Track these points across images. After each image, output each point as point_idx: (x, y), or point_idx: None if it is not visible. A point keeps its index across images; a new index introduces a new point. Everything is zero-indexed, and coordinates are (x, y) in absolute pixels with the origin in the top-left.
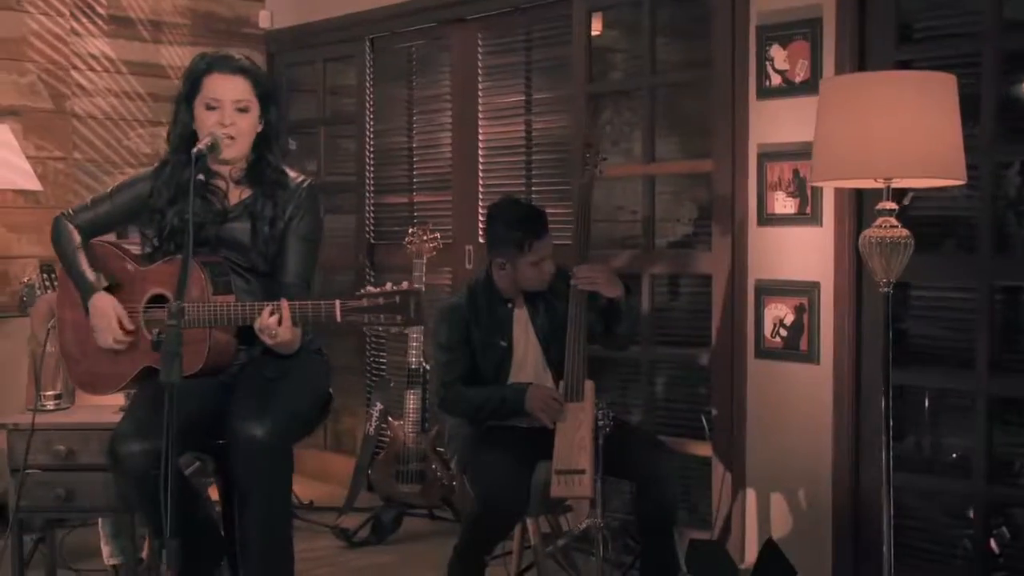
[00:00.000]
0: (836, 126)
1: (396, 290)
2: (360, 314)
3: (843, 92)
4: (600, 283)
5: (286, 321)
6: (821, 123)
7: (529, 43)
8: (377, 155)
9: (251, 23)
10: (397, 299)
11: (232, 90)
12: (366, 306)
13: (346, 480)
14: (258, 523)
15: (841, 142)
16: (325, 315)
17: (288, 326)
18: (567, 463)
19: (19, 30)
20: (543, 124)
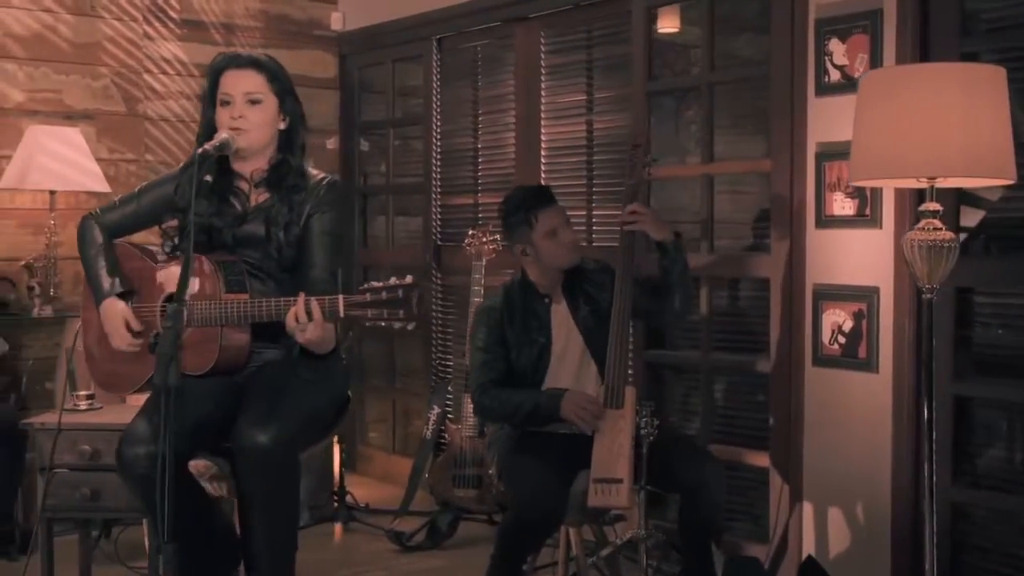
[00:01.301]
0: (875, 123)
1: (397, 284)
2: (363, 309)
3: (882, 86)
4: (646, 222)
5: (317, 317)
6: (859, 119)
7: (590, 41)
8: (444, 156)
9: (323, 25)
10: (399, 293)
11: (243, 83)
12: (368, 300)
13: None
14: (263, 530)
15: (880, 140)
16: (329, 310)
17: (319, 322)
18: (605, 472)
19: (94, 35)
20: (604, 123)
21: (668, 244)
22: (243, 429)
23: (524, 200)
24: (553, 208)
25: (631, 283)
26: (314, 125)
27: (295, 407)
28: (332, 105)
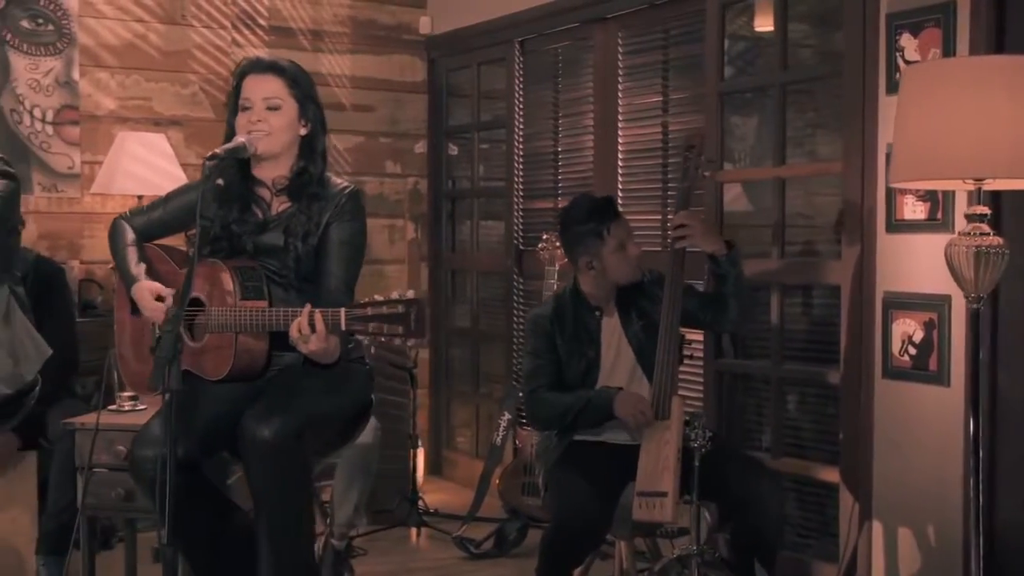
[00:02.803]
0: (917, 120)
1: (399, 299)
2: (364, 323)
3: (925, 81)
4: (696, 235)
5: (320, 330)
6: (901, 116)
7: (666, 40)
8: (526, 160)
9: (412, 29)
10: (400, 308)
11: (262, 88)
12: (370, 315)
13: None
14: (268, 528)
15: (923, 139)
16: (332, 323)
17: (321, 335)
18: (649, 485)
19: (183, 43)
20: (679, 125)
21: (720, 256)
22: (246, 423)
23: (594, 212)
24: (622, 220)
25: (680, 295)
26: (403, 129)
27: (302, 405)
28: (420, 109)
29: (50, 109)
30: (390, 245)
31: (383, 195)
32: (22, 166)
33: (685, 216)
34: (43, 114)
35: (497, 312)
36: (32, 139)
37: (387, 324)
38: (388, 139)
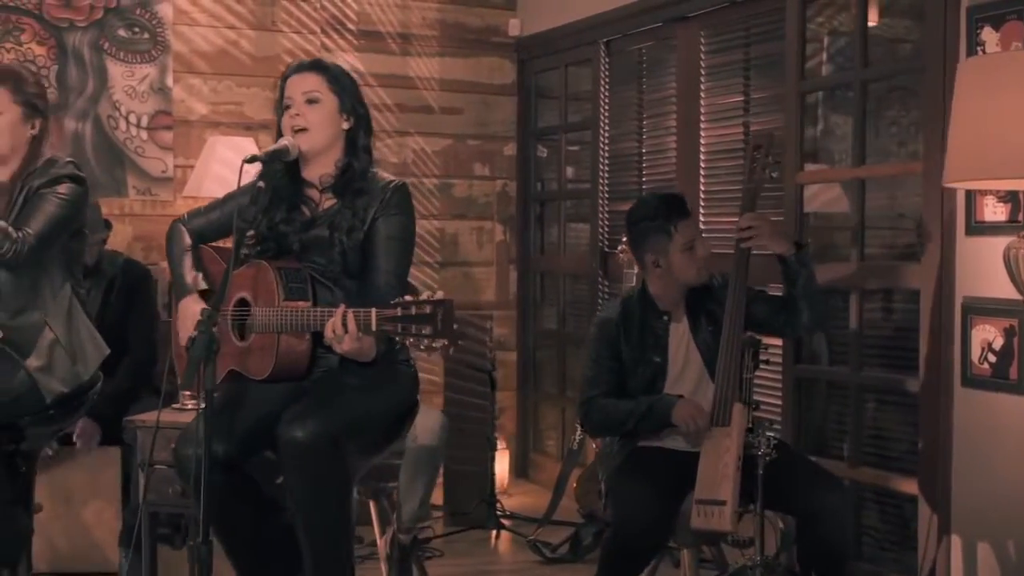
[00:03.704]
0: (974, 116)
1: (427, 300)
2: (394, 324)
3: (981, 76)
4: (763, 235)
5: (351, 330)
6: (957, 112)
7: (747, 39)
8: (611, 161)
9: (501, 32)
10: (427, 309)
11: (301, 85)
12: (400, 315)
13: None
14: (304, 527)
15: (979, 136)
16: (364, 323)
17: (353, 335)
18: (708, 493)
19: (274, 49)
20: (760, 125)
21: (789, 257)
22: (282, 424)
23: (662, 209)
24: (691, 219)
25: (743, 297)
26: (493, 132)
27: (340, 407)
28: (509, 111)
29: (145, 115)
30: (478, 248)
31: (471, 197)
32: (118, 170)
33: (751, 217)
34: (138, 120)
35: (583, 315)
36: (127, 144)
37: (415, 324)
38: (476, 141)
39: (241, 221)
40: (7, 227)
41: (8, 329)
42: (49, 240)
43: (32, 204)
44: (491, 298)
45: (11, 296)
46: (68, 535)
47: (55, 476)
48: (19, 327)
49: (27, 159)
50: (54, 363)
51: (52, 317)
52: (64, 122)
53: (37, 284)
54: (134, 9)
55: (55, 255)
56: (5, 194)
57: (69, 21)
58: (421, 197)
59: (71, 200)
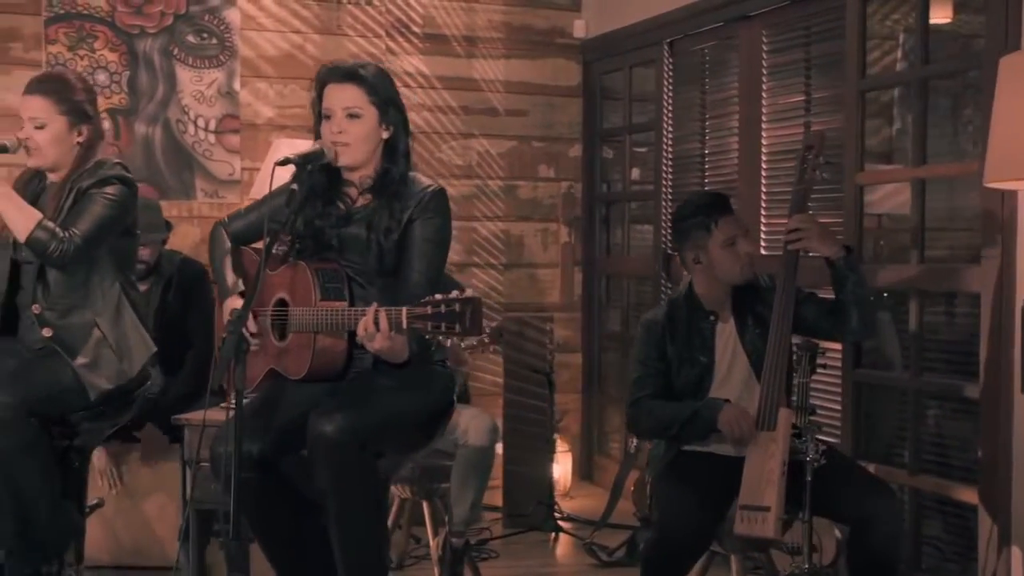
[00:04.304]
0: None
1: (455, 298)
2: (424, 322)
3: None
4: (811, 237)
5: (383, 328)
6: (997, 110)
7: (808, 38)
8: (674, 162)
9: (566, 33)
10: (456, 307)
11: (341, 98)
12: (429, 313)
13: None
14: (335, 523)
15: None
16: (395, 321)
17: (384, 333)
18: (752, 499)
19: (339, 53)
20: (821, 125)
21: (836, 261)
22: (312, 420)
23: (703, 205)
24: (733, 216)
25: (792, 298)
26: (558, 134)
27: (371, 405)
28: (575, 113)
29: (212, 119)
30: (543, 249)
31: (536, 199)
32: (186, 173)
33: (800, 219)
34: (206, 123)
35: None
36: (196, 147)
37: (445, 322)
38: (542, 143)
39: (274, 222)
40: (54, 227)
41: (57, 328)
42: (96, 240)
43: (80, 205)
44: (555, 300)
45: (61, 295)
46: (130, 530)
47: (119, 471)
48: (68, 325)
49: (77, 163)
50: (100, 361)
51: (100, 316)
52: (135, 126)
53: (87, 283)
54: (203, 15)
55: (104, 255)
56: (56, 195)
57: (140, 28)
58: (486, 199)
59: (118, 201)
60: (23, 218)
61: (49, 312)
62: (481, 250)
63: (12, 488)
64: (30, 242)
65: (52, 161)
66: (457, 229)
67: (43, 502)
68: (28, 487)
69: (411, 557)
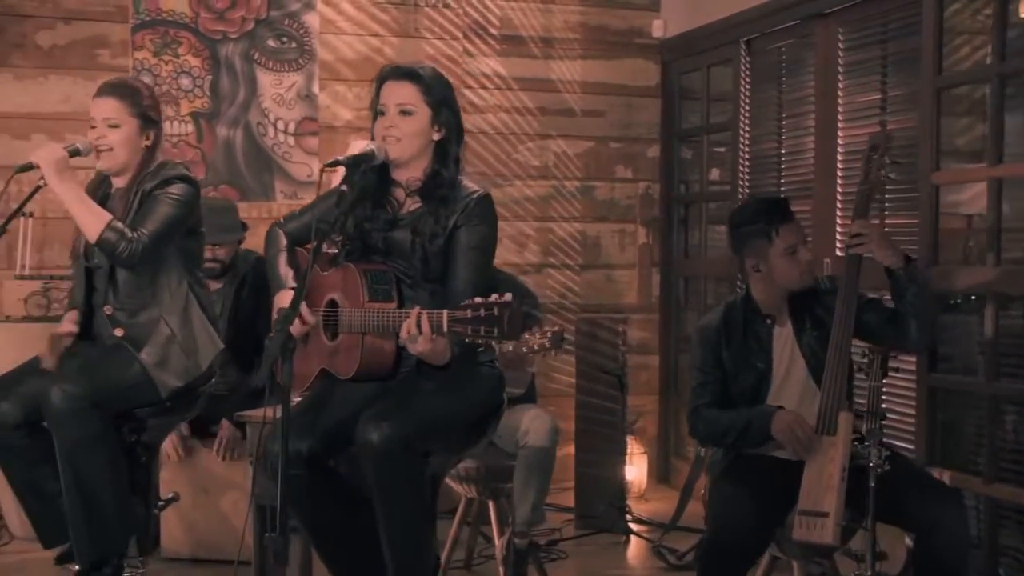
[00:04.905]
0: None
1: (494, 302)
2: (464, 325)
3: None
4: (872, 243)
5: (425, 331)
6: None
7: (885, 35)
8: (752, 162)
9: (645, 33)
10: (495, 311)
11: (396, 95)
12: (469, 317)
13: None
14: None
15: None
16: (436, 324)
17: (427, 336)
18: (811, 504)
19: (416, 55)
20: (896, 124)
21: (897, 270)
22: (359, 426)
23: (763, 212)
24: (794, 224)
25: (853, 303)
26: (636, 134)
27: (417, 408)
28: (653, 113)
29: (292, 121)
30: (620, 250)
31: (613, 200)
32: (265, 175)
33: (862, 224)
34: (285, 126)
35: None
36: (275, 150)
37: (484, 326)
38: (619, 144)
39: (323, 223)
40: (123, 227)
41: (128, 327)
42: (163, 239)
43: (146, 206)
44: (633, 301)
45: (130, 295)
46: (207, 523)
47: (196, 467)
48: (138, 324)
49: (141, 167)
50: (169, 358)
51: (169, 314)
52: (216, 129)
53: (155, 283)
54: (283, 20)
55: (171, 254)
56: (122, 199)
57: (222, 33)
58: (562, 199)
59: (183, 200)
60: (94, 219)
61: (120, 312)
62: (557, 251)
63: (77, 479)
64: (100, 242)
65: (122, 163)
66: (533, 230)
67: (108, 494)
68: (93, 479)
69: (480, 556)
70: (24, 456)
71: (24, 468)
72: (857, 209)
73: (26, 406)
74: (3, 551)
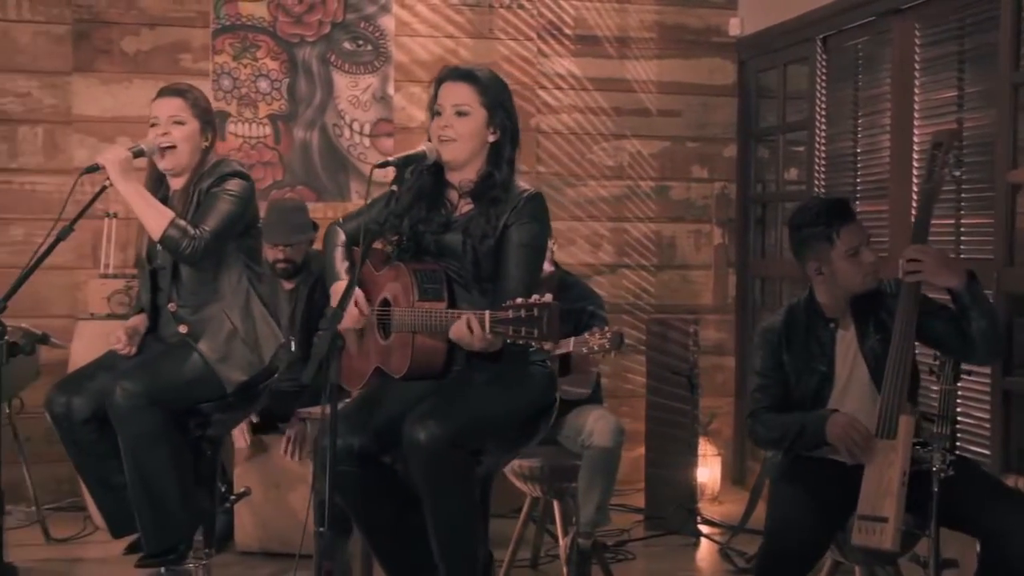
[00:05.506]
0: None
1: (534, 303)
2: (505, 326)
3: None
4: (926, 269)
5: (476, 331)
6: None
7: (961, 30)
8: (828, 161)
9: (721, 32)
10: (535, 312)
11: (453, 95)
12: (510, 317)
13: None
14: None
15: None
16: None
17: (479, 336)
18: (870, 509)
19: (490, 56)
20: (974, 121)
21: (959, 290)
22: (407, 424)
23: (824, 213)
24: (856, 224)
25: (912, 332)
26: (712, 134)
27: (464, 407)
28: (729, 112)
29: (367, 123)
30: (696, 250)
31: (689, 200)
32: (341, 176)
33: (915, 250)
34: (361, 127)
35: None
36: (351, 151)
37: (524, 327)
38: (695, 143)
39: (374, 223)
40: (186, 225)
41: (192, 323)
42: (224, 234)
43: (205, 204)
44: (708, 302)
45: (194, 291)
46: (277, 518)
47: (267, 462)
48: (201, 320)
49: (198, 167)
50: (233, 353)
51: (230, 308)
52: (294, 131)
53: (216, 279)
54: (358, 23)
55: (231, 250)
56: (181, 199)
57: (300, 37)
58: (637, 200)
59: (240, 195)
60: (158, 217)
61: (184, 309)
62: (632, 251)
63: (141, 473)
64: (164, 240)
65: (185, 162)
66: (608, 230)
67: (171, 487)
68: (156, 472)
69: (547, 555)
70: (93, 450)
71: (93, 461)
72: (920, 208)
73: (95, 402)
74: (87, 540)
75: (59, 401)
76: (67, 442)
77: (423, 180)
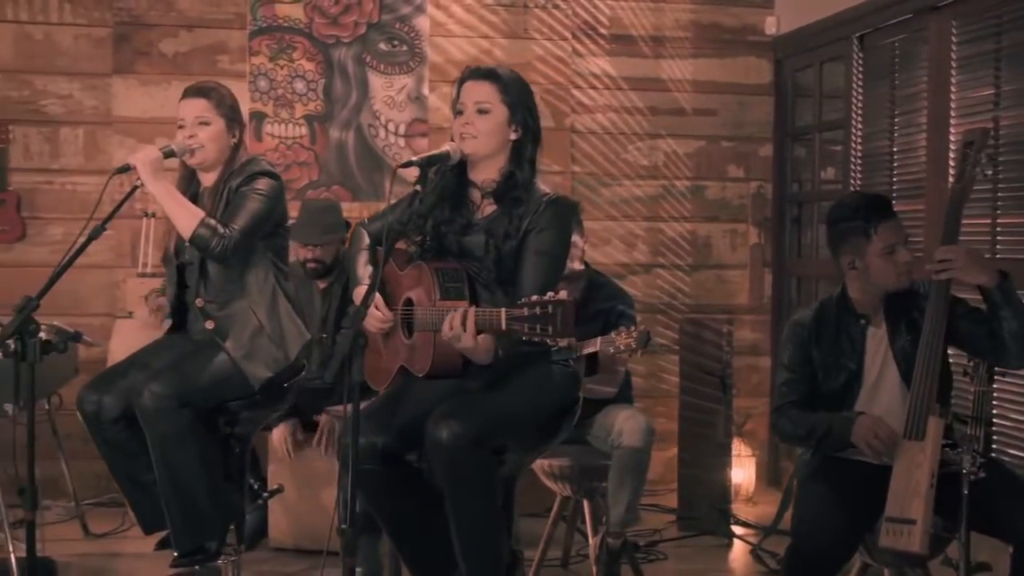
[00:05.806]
0: None
1: (548, 300)
2: (521, 323)
3: None
4: (957, 266)
5: (470, 328)
6: None
7: (999, 27)
8: (863, 160)
9: (757, 30)
10: (549, 309)
11: (474, 93)
12: (526, 315)
13: None
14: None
15: None
16: (494, 323)
17: (471, 334)
18: (897, 511)
19: (525, 56)
20: (1011, 119)
21: (990, 289)
22: (429, 423)
23: (862, 208)
24: (895, 222)
25: (942, 331)
26: (748, 133)
27: (486, 406)
28: (766, 111)
29: (402, 123)
30: (731, 250)
31: (725, 199)
32: (376, 175)
33: (946, 250)
34: (396, 128)
35: None
36: (386, 151)
37: (540, 324)
38: (731, 143)
39: (397, 223)
40: (215, 224)
41: (219, 319)
42: (252, 233)
43: (234, 202)
44: (743, 302)
45: (221, 288)
46: (310, 515)
47: (300, 460)
48: (228, 316)
49: (228, 164)
50: (258, 350)
51: (257, 305)
52: (329, 131)
53: (243, 275)
54: (394, 23)
55: (259, 248)
56: (211, 197)
57: (336, 38)
58: (672, 199)
59: (268, 194)
60: (188, 215)
61: (211, 305)
62: (667, 251)
63: (170, 472)
64: (194, 238)
65: (212, 159)
66: (643, 230)
67: (201, 486)
68: (185, 472)
69: (577, 555)
70: (123, 448)
71: (123, 459)
72: (951, 207)
73: (125, 401)
74: (125, 535)
75: (90, 399)
76: (98, 440)
77: (446, 180)
